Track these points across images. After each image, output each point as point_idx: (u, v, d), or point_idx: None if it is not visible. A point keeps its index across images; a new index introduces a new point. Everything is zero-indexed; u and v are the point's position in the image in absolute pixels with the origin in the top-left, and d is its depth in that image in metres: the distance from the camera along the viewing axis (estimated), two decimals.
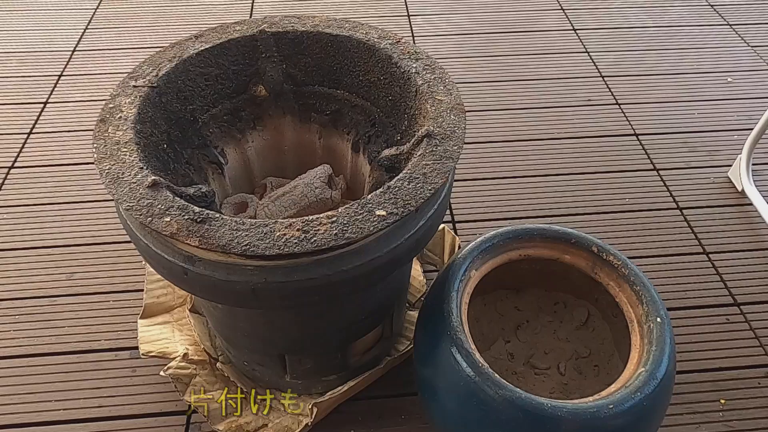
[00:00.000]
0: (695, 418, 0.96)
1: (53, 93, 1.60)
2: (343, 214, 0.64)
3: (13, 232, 1.24)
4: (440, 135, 0.73)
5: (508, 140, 1.47)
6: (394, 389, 0.99)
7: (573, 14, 1.92)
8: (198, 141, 0.88)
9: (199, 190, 0.72)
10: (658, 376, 0.69)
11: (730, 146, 1.44)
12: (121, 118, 0.74)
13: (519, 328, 0.93)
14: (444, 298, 0.76)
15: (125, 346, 1.05)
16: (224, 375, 0.97)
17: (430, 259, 1.17)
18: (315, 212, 0.82)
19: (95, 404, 0.98)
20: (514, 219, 1.28)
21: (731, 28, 1.85)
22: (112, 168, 0.68)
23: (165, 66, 0.82)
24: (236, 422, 0.91)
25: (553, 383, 0.87)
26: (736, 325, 1.09)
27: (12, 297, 1.12)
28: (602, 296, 0.85)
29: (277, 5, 1.96)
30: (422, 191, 0.66)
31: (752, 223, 1.27)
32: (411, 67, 0.83)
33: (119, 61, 1.72)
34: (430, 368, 0.77)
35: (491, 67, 1.70)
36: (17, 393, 0.99)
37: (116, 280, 1.15)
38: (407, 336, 1.03)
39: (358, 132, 0.93)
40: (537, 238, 0.84)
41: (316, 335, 0.86)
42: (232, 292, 0.66)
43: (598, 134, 1.48)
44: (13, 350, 1.04)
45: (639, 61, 1.72)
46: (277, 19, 0.91)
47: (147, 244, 0.68)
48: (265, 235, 0.61)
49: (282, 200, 0.89)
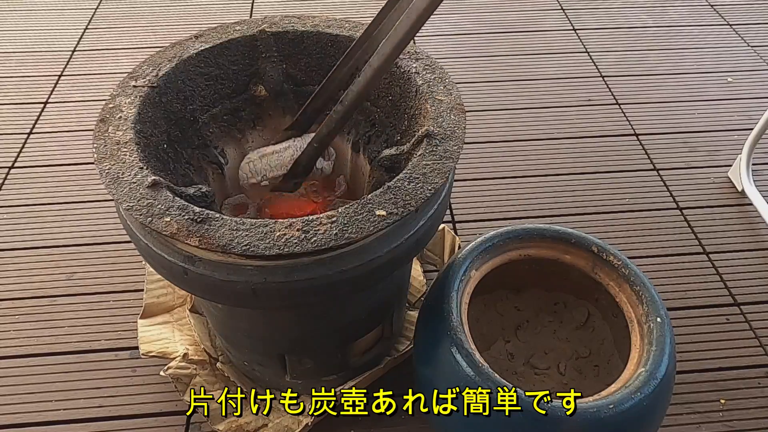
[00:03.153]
0: (695, 418, 0.96)
1: (53, 93, 1.60)
2: (343, 214, 0.64)
3: (13, 232, 1.24)
4: (440, 135, 0.73)
5: (508, 140, 1.47)
6: (394, 389, 0.99)
7: (573, 14, 1.92)
8: (198, 141, 0.88)
9: (199, 190, 0.72)
10: (658, 376, 0.69)
11: (730, 146, 1.44)
12: (121, 118, 0.74)
13: (519, 328, 0.93)
14: (444, 298, 0.76)
15: (125, 346, 1.05)
16: (224, 375, 0.97)
17: (430, 259, 1.17)
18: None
19: (95, 404, 0.98)
20: (514, 219, 1.28)
21: (731, 28, 1.85)
22: (112, 168, 0.68)
23: (165, 66, 0.82)
24: (236, 422, 0.91)
25: (553, 383, 0.87)
26: (736, 325, 1.09)
27: (12, 297, 1.12)
28: (602, 296, 0.85)
29: (277, 5, 1.96)
30: (422, 191, 0.66)
31: (752, 223, 1.27)
32: (411, 67, 0.83)
33: (119, 61, 1.72)
34: (430, 368, 0.77)
35: (491, 67, 1.70)
36: (17, 393, 0.99)
37: (116, 280, 1.15)
38: (407, 336, 1.03)
39: (358, 132, 0.93)
40: (537, 238, 0.84)
41: (316, 335, 0.86)
42: (232, 292, 0.66)
43: (598, 134, 1.48)
44: (13, 350, 1.04)
45: (639, 61, 1.72)
46: (277, 19, 0.91)
47: (147, 244, 0.68)
48: (265, 235, 0.61)
49: (270, 159, 0.86)
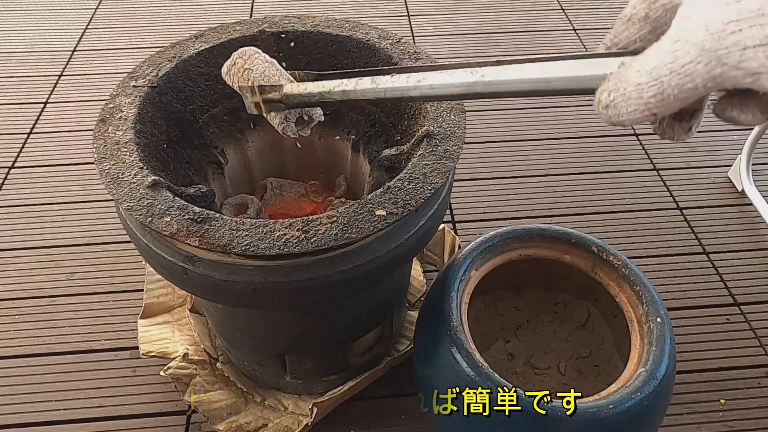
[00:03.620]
0: (695, 418, 0.96)
1: (53, 93, 1.60)
2: (343, 214, 0.64)
3: (13, 232, 1.24)
4: (440, 135, 0.73)
5: (508, 140, 1.47)
6: (394, 389, 0.99)
7: (573, 14, 1.92)
8: (198, 141, 0.88)
9: (199, 190, 0.72)
10: (658, 376, 0.69)
11: (730, 146, 1.44)
12: (121, 118, 0.74)
13: (519, 328, 0.93)
14: (444, 298, 0.76)
15: (125, 346, 1.05)
16: (224, 375, 0.97)
17: (430, 259, 1.17)
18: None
19: (95, 404, 0.98)
20: (514, 219, 1.28)
21: None
22: (112, 168, 0.68)
23: (165, 66, 0.82)
24: (236, 422, 0.91)
25: (553, 383, 0.87)
26: (736, 325, 1.09)
27: (12, 297, 1.12)
28: (602, 296, 0.86)
29: (277, 5, 1.96)
30: (422, 191, 0.66)
31: (752, 223, 1.27)
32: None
33: (119, 61, 1.72)
34: (430, 368, 0.77)
35: None
36: (17, 393, 0.99)
37: (116, 280, 1.15)
38: (407, 336, 1.03)
39: (358, 132, 0.93)
40: (537, 238, 0.84)
41: (316, 335, 0.86)
42: (232, 292, 0.66)
43: (598, 134, 1.48)
44: (13, 350, 1.04)
45: None
46: (277, 19, 0.91)
47: (147, 244, 0.68)
48: (265, 235, 0.61)
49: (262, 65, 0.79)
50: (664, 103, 0.31)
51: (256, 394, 0.96)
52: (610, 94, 0.33)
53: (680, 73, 0.29)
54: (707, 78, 0.29)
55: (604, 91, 0.34)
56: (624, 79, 0.33)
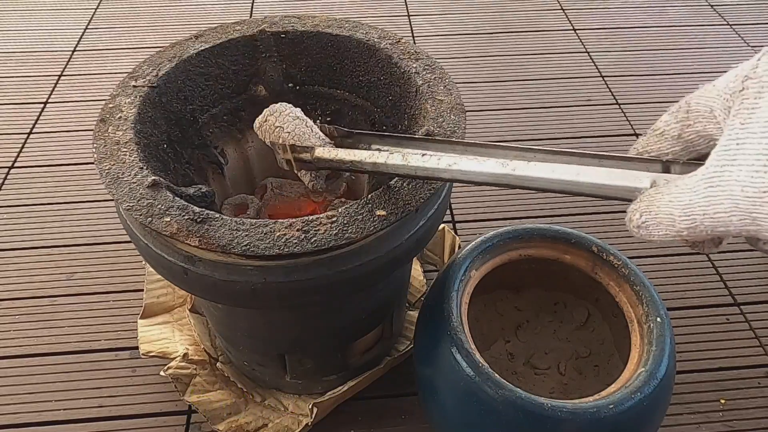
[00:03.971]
0: (695, 418, 0.96)
1: (53, 93, 1.60)
2: (343, 214, 0.64)
3: (13, 232, 1.24)
4: (440, 135, 0.73)
5: (508, 140, 1.47)
6: (394, 389, 0.99)
7: (573, 14, 1.92)
8: (198, 141, 0.88)
9: (199, 190, 0.72)
10: (658, 376, 0.69)
11: None
12: (121, 118, 0.74)
13: (519, 328, 0.93)
14: (444, 298, 0.76)
15: (125, 346, 1.05)
16: (224, 375, 0.97)
17: (430, 259, 1.17)
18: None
19: (95, 404, 0.98)
20: (514, 219, 1.28)
21: (731, 28, 1.85)
22: (112, 168, 0.68)
23: (165, 66, 0.82)
24: (236, 422, 0.91)
25: (553, 383, 0.87)
26: (736, 325, 1.09)
27: (12, 297, 1.12)
28: (602, 296, 0.85)
29: (277, 5, 1.96)
30: (422, 191, 0.66)
31: None
32: (411, 67, 0.83)
33: (119, 61, 1.72)
34: (430, 368, 0.77)
35: (491, 67, 1.70)
36: (17, 393, 0.99)
37: (116, 280, 1.15)
38: (407, 336, 1.03)
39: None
40: (537, 238, 0.84)
41: (316, 335, 0.86)
42: (232, 292, 0.66)
43: (598, 134, 1.48)
44: (13, 350, 1.04)
45: (639, 61, 1.72)
46: (277, 19, 0.91)
47: (147, 244, 0.68)
48: (265, 235, 0.61)
49: (294, 123, 0.81)
50: (696, 236, 0.32)
51: (256, 394, 0.96)
52: (641, 215, 0.34)
53: (713, 218, 0.30)
54: (740, 228, 0.30)
55: (636, 211, 0.35)
56: (656, 204, 0.33)
